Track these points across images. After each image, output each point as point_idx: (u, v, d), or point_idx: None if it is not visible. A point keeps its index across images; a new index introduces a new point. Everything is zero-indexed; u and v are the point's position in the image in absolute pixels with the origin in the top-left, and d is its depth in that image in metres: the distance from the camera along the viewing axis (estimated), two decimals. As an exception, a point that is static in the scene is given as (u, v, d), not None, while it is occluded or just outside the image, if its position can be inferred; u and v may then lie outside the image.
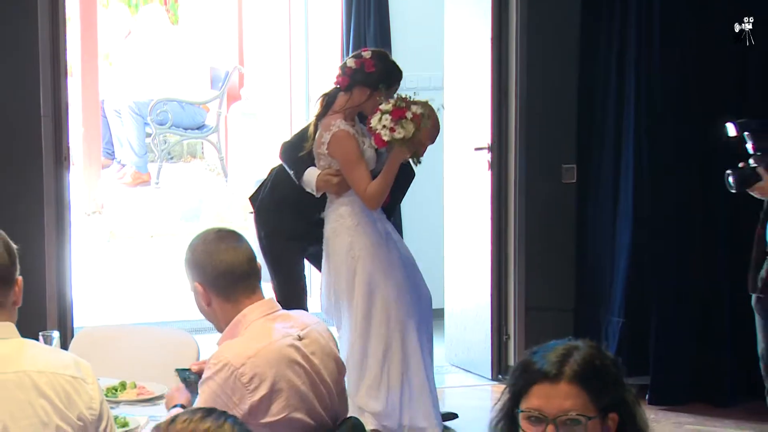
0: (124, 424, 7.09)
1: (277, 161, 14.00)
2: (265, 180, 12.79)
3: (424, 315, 12.18)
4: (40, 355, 6.83)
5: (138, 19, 23.09)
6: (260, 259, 9.96)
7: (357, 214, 11.88)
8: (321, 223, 12.52)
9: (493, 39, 14.32)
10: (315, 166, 11.79)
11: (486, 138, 13.58)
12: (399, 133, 11.15)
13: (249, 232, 11.67)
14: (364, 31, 16.46)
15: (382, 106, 11.30)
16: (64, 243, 12.80)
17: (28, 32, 13.17)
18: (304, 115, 16.92)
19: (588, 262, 13.78)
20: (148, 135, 21.68)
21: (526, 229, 13.41)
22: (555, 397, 4.93)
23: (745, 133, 10.95)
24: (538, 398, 4.93)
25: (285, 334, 7.41)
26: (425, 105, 11.62)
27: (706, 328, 13.59)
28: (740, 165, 11.07)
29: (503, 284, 13.72)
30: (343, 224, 11.94)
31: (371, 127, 11.41)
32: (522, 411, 4.92)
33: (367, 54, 12.35)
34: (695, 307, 13.64)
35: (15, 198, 11.13)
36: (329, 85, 12.78)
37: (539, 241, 13.34)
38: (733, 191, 11.03)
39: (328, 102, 12.20)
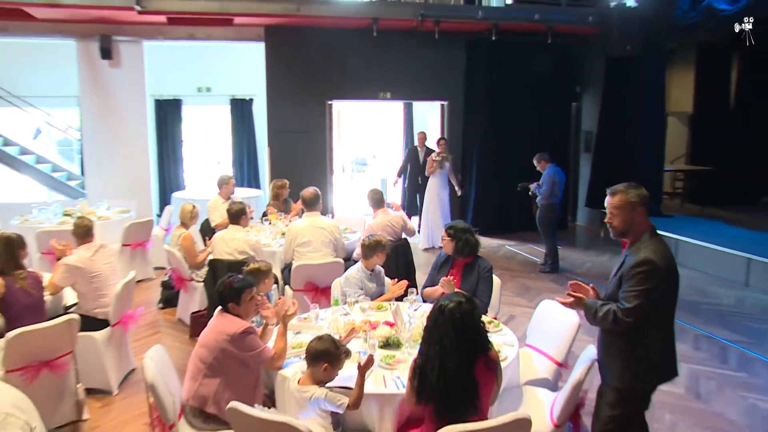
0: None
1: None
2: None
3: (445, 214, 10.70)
4: (325, 220, 6.79)
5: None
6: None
7: (434, 181, 10.51)
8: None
9: (441, 127, 12.10)
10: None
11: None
12: (440, 158, 10.41)
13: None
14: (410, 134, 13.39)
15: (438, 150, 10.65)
16: (331, 195, 11.50)
17: (324, 136, 11.06)
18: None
19: (465, 206, 11.94)
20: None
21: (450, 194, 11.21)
22: (444, 239, 5.18)
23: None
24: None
25: (386, 218, 7.05)
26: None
27: (504, 219, 11.80)
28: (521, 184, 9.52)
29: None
30: (431, 181, 10.54)
31: (433, 159, 10.47)
32: None
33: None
34: (494, 214, 11.83)
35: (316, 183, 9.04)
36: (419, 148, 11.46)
37: (454, 197, 11.14)
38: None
39: (427, 152, 10.83)
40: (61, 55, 11.48)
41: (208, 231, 7.85)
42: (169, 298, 7.68)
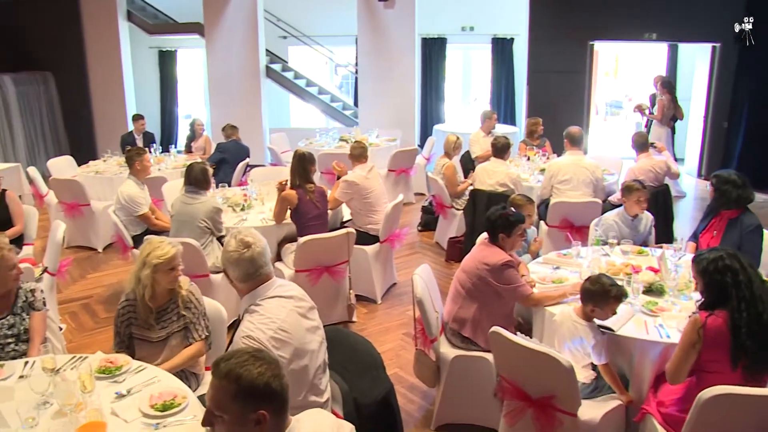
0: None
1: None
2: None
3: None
4: (587, 159, 6.36)
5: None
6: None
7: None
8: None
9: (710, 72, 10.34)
10: None
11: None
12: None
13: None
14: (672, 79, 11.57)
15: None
16: (587, 136, 10.21)
17: (583, 77, 10.41)
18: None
19: (728, 156, 10.20)
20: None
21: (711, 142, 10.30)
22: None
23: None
24: None
25: (649, 163, 6.41)
26: None
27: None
28: None
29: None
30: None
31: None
32: None
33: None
34: (762, 167, 9.79)
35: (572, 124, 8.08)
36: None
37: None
38: None
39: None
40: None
41: (468, 162, 7.85)
42: (428, 222, 7.83)
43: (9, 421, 2.54)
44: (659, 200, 6.40)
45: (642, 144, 6.69)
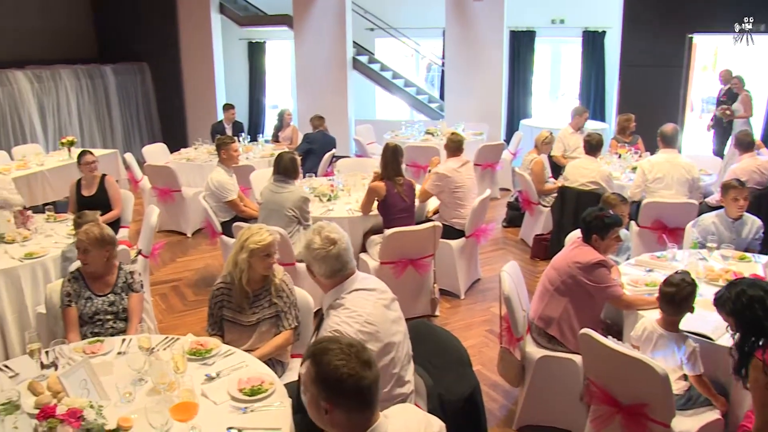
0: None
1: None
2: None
3: None
4: (683, 158, 5.99)
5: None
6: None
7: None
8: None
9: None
10: None
11: None
12: None
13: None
14: None
15: None
16: (681, 134, 9.36)
17: (680, 72, 9.88)
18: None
19: None
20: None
21: None
22: None
23: None
24: None
25: (753, 163, 6.01)
26: None
27: None
28: None
29: None
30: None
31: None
32: None
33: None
34: None
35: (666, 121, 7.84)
36: None
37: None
38: None
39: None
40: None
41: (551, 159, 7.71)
42: (513, 218, 7.74)
43: (109, 394, 2.67)
44: (762, 204, 5.96)
45: (748, 143, 6.29)
